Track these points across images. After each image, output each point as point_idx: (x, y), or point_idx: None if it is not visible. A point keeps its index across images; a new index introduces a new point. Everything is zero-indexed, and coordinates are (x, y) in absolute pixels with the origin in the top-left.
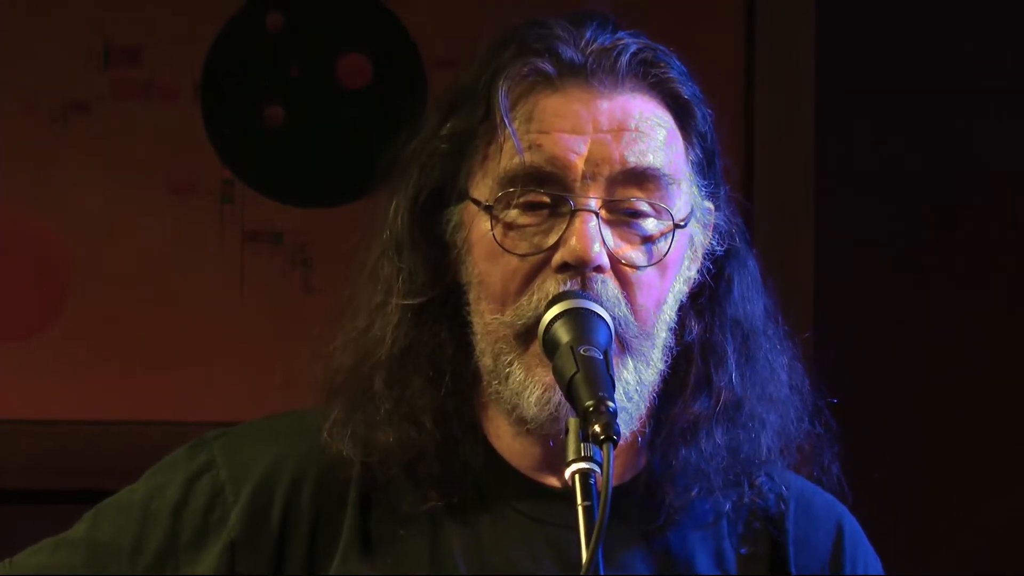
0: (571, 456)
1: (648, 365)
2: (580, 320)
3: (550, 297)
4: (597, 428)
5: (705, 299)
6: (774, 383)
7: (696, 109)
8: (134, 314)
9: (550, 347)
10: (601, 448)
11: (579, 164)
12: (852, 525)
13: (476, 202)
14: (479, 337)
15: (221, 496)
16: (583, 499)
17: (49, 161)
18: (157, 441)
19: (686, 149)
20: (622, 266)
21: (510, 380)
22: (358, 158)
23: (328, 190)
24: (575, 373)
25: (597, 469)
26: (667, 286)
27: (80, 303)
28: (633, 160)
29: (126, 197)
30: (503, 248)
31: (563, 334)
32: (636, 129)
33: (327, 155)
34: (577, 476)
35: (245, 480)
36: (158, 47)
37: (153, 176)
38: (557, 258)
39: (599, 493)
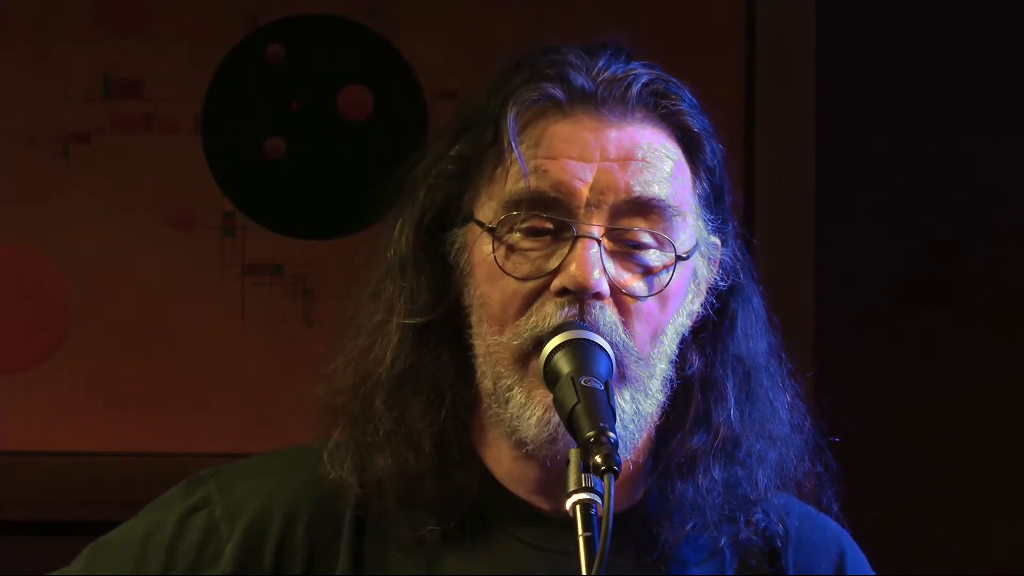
0: (572, 487)
1: (647, 396)
2: (581, 351)
3: (548, 319)
4: (598, 459)
5: (707, 334)
6: (774, 421)
7: (706, 143)
8: (135, 346)
9: (551, 378)
10: (602, 479)
11: (584, 191)
12: (854, 552)
13: (480, 224)
14: (480, 360)
15: (215, 533)
16: (584, 529)
17: (49, 192)
18: (157, 473)
19: (693, 182)
20: (622, 295)
21: (510, 404)
22: (359, 190)
23: (329, 222)
24: (576, 404)
25: (598, 499)
26: (667, 317)
27: (81, 334)
28: (638, 190)
29: (126, 229)
30: (503, 271)
31: (564, 365)
32: (643, 159)
33: (328, 187)
34: (578, 507)
35: (239, 517)
36: (159, 79)
37: (154, 208)
38: (556, 283)
39: (600, 523)
